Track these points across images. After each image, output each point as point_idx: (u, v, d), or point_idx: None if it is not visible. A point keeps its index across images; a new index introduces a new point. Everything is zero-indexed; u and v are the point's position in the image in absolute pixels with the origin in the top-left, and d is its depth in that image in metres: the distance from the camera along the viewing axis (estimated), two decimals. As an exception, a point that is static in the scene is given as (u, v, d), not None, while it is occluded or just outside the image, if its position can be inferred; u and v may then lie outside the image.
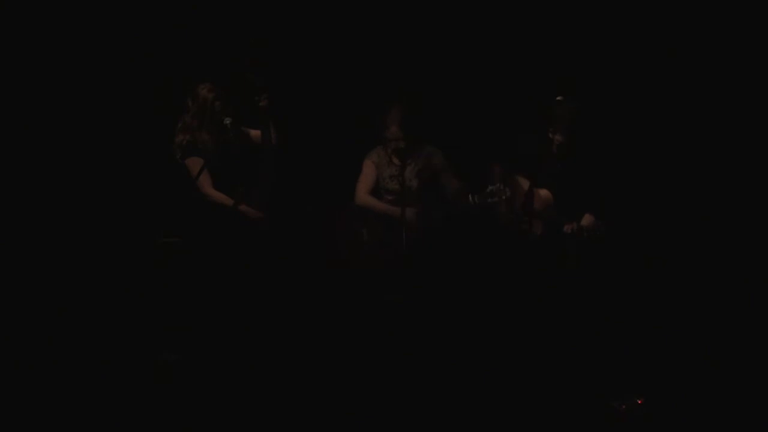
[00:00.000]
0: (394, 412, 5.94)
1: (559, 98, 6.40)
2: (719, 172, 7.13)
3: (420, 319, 6.66)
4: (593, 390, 6.05)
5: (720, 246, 7.05)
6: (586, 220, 6.58)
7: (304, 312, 6.88)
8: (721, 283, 6.94)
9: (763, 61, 7.05)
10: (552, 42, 7.24)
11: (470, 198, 6.69)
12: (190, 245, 6.62)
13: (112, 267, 7.13)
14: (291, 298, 6.85)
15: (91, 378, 6.30)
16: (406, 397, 6.09)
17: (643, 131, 7.14)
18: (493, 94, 7.29)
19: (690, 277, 6.98)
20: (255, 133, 6.72)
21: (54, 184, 7.27)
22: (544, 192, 6.60)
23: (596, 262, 6.58)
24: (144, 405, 5.99)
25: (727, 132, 7.12)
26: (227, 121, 6.58)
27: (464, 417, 5.92)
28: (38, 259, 7.13)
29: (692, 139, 7.13)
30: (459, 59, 7.44)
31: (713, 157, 7.13)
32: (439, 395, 6.11)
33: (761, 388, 6.08)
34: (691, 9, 7.08)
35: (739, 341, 6.58)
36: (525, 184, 6.52)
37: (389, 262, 6.73)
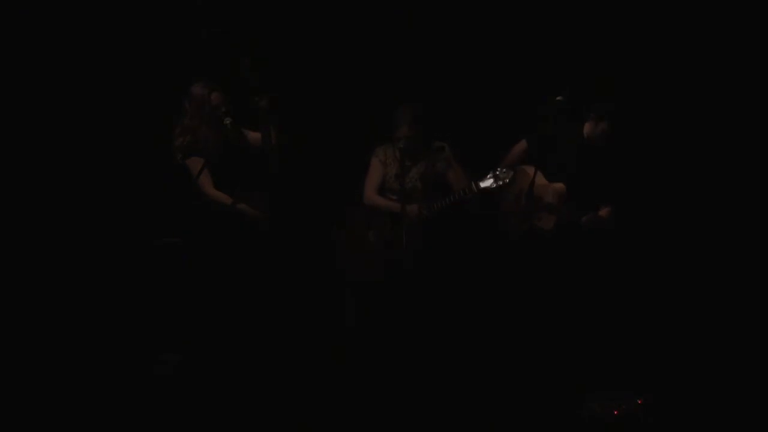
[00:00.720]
0: (396, 413, 5.94)
1: (558, 98, 6.38)
2: (738, 173, 7.13)
3: (423, 320, 6.67)
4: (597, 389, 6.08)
5: (734, 244, 7.05)
6: (605, 211, 6.55)
7: (305, 313, 6.89)
8: (732, 281, 6.95)
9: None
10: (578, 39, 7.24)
11: (472, 185, 6.66)
12: (190, 246, 6.62)
13: (112, 268, 7.13)
14: (292, 298, 6.85)
15: (91, 379, 6.31)
16: (410, 398, 6.10)
17: (666, 130, 7.15)
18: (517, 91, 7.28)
19: (703, 275, 6.99)
20: (255, 134, 6.70)
21: (54, 186, 7.27)
22: (558, 185, 6.55)
23: (608, 259, 6.58)
24: (144, 405, 6.00)
25: (747, 134, 7.11)
26: (227, 121, 6.55)
27: (470, 417, 5.92)
28: (39, 260, 7.13)
29: (712, 139, 7.12)
30: (471, 55, 7.45)
31: (732, 158, 7.12)
32: (446, 396, 6.13)
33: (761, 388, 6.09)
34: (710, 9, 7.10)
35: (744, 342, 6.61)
36: (531, 172, 6.46)
37: (396, 263, 6.69)
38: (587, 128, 6.63)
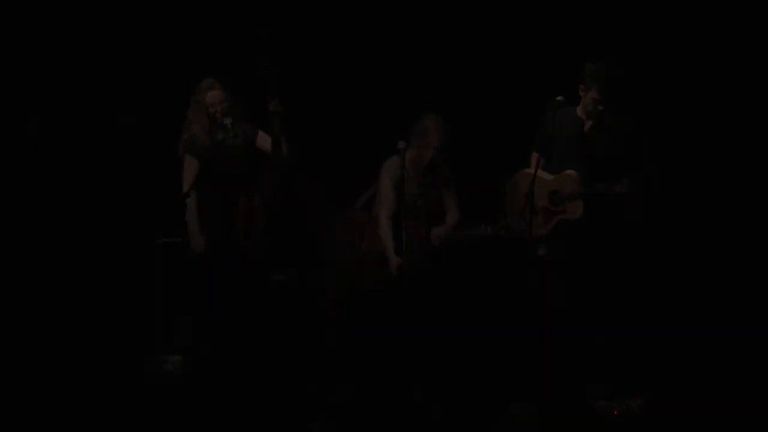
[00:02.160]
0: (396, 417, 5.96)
1: (559, 98, 6.35)
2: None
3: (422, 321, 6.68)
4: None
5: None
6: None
7: (302, 313, 6.90)
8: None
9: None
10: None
11: (482, 228, 6.63)
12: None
13: (113, 267, 7.15)
14: (291, 300, 6.85)
15: (90, 379, 6.33)
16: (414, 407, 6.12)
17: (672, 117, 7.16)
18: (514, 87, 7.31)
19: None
20: (266, 140, 6.54)
21: (54, 185, 7.29)
22: (569, 172, 6.45)
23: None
24: (144, 405, 6.02)
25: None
26: (227, 121, 6.46)
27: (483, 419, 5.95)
28: (39, 260, 7.15)
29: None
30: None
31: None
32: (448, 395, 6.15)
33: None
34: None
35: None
36: (529, 177, 6.43)
37: (385, 273, 6.66)
38: (580, 107, 6.53)
